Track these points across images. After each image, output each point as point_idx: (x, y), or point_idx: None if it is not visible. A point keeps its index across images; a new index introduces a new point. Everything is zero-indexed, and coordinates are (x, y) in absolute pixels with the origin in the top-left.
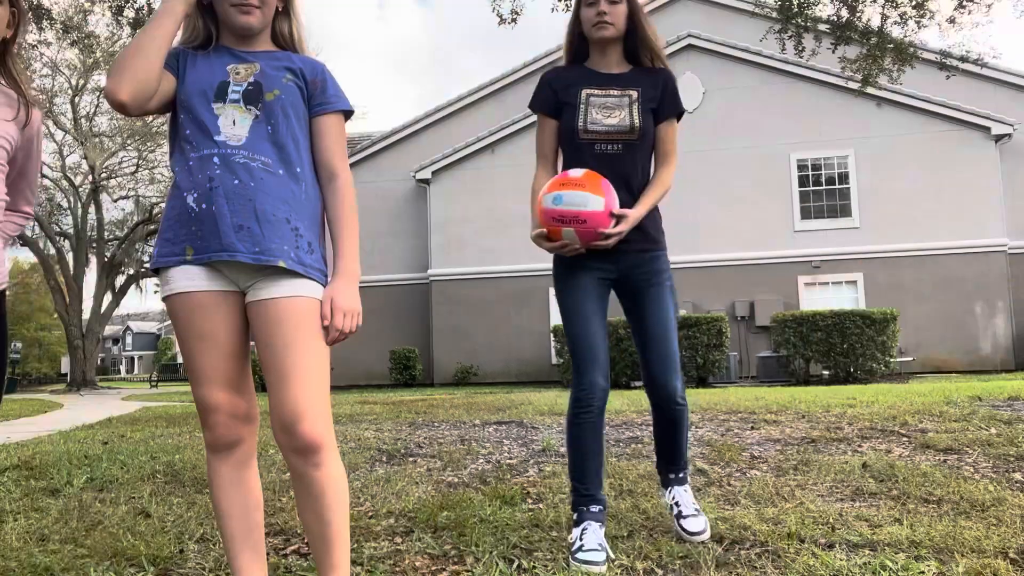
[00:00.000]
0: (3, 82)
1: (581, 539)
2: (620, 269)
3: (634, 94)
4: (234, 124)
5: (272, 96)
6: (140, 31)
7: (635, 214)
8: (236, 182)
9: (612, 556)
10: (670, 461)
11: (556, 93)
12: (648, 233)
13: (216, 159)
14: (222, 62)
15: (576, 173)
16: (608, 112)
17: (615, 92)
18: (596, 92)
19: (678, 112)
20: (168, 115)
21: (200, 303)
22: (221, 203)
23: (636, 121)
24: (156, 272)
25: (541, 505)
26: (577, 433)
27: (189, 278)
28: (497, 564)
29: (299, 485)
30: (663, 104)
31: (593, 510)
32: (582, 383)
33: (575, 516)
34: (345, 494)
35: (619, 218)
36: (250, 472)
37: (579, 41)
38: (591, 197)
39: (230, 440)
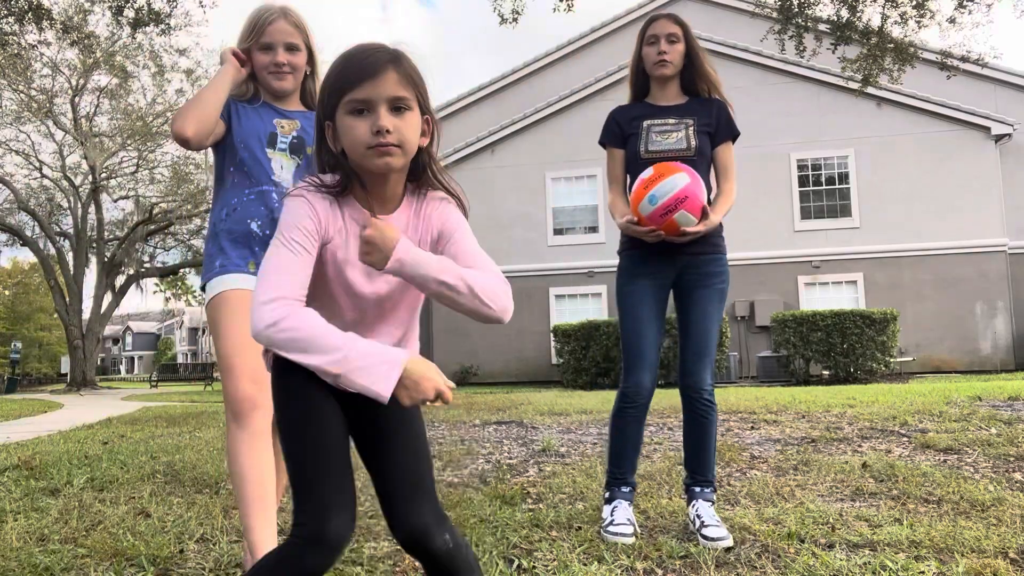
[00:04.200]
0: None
1: (612, 515)
2: (677, 269)
3: (690, 121)
4: (282, 169)
5: (311, 150)
6: (203, 87)
7: (714, 218)
8: None
9: (638, 531)
10: (695, 469)
11: (621, 127)
12: (707, 238)
13: (274, 194)
14: (269, 116)
15: (648, 172)
16: (666, 135)
17: (672, 120)
18: (656, 122)
19: (733, 135)
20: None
21: (247, 300)
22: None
23: (692, 142)
24: (203, 289)
25: (541, 505)
26: (620, 425)
27: (247, 283)
28: (497, 564)
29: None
30: (719, 129)
31: (624, 490)
32: (629, 381)
33: (607, 495)
34: None
35: (705, 215)
36: (264, 443)
37: (642, 77)
38: (674, 178)
39: (249, 404)
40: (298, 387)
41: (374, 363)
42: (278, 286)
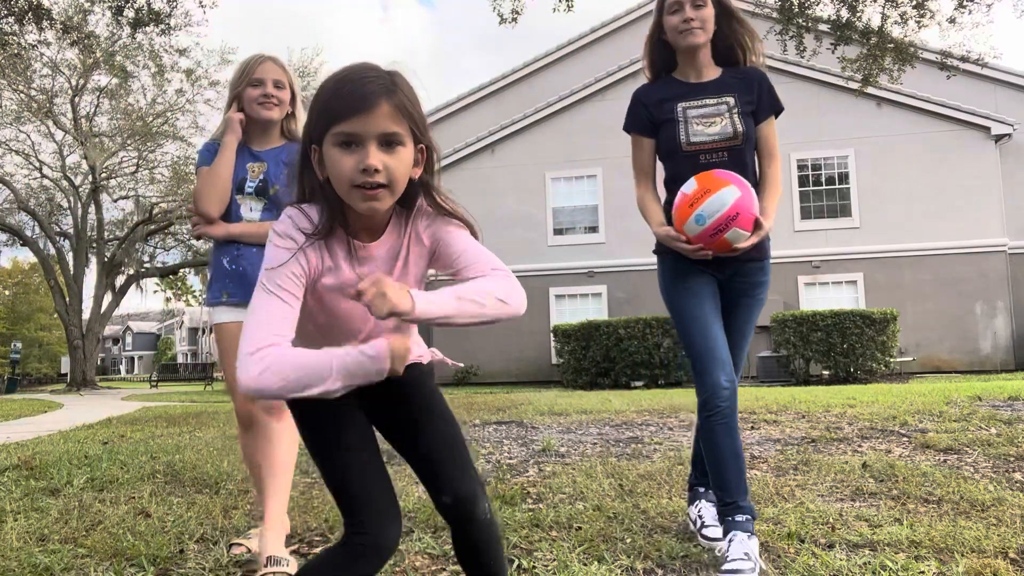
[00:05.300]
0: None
1: (728, 550)
2: (725, 274)
3: (731, 100)
4: (251, 211)
5: (274, 191)
6: (215, 161)
7: (768, 224)
8: (255, 251)
9: (763, 567)
10: (704, 470)
11: (650, 112)
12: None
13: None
14: (243, 161)
15: (691, 187)
16: (708, 122)
17: (710, 101)
18: (692, 104)
19: (776, 110)
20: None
21: (235, 331)
22: (247, 265)
23: (739, 127)
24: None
25: (541, 505)
26: (710, 438)
27: (229, 316)
28: None
29: (260, 431)
30: (761, 105)
31: (739, 519)
32: (705, 385)
33: (723, 527)
34: (294, 442)
35: (759, 227)
36: (264, 439)
37: (662, 50)
38: (722, 194)
39: (247, 417)
40: (313, 414)
41: (363, 367)
42: (264, 336)
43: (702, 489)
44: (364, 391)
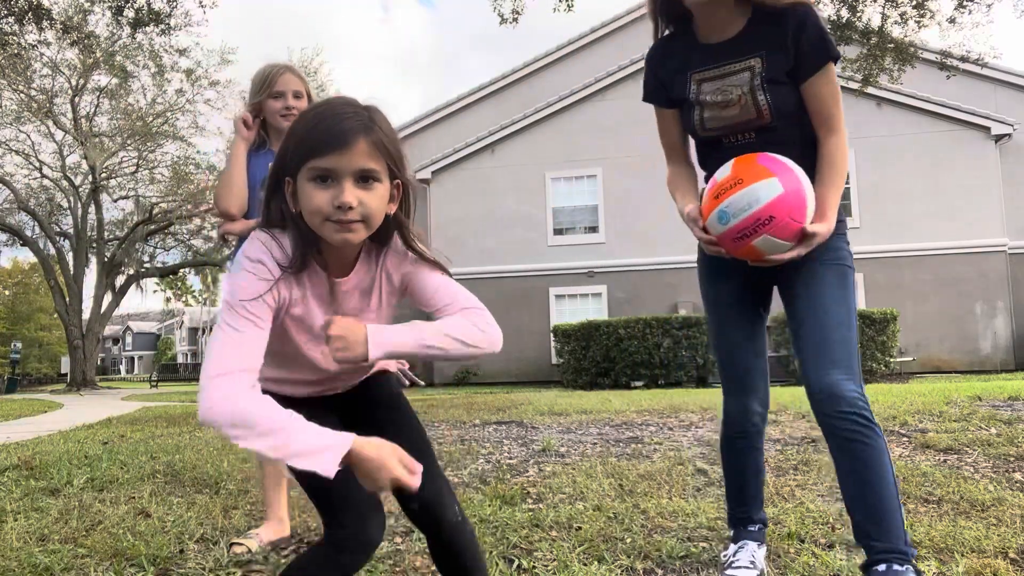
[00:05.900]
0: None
1: (735, 556)
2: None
3: (756, 64)
4: None
5: None
6: (228, 162)
7: (824, 229)
8: None
9: (765, 571)
10: (865, 528)
11: (663, 84)
12: None
13: None
14: (266, 161)
15: (724, 172)
16: (725, 101)
17: (732, 68)
18: (707, 75)
19: (829, 58)
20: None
21: None
22: None
23: (762, 106)
24: None
25: (541, 505)
26: (731, 457)
27: None
28: (497, 564)
29: None
30: (803, 59)
31: (751, 529)
32: (731, 406)
33: (732, 533)
34: None
35: (807, 236)
36: None
37: (665, 3)
38: (756, 188)
39: None
40: None
41: (315, 450)
42: (230, 362)
43: (882, 568)
44: (333, 396)
